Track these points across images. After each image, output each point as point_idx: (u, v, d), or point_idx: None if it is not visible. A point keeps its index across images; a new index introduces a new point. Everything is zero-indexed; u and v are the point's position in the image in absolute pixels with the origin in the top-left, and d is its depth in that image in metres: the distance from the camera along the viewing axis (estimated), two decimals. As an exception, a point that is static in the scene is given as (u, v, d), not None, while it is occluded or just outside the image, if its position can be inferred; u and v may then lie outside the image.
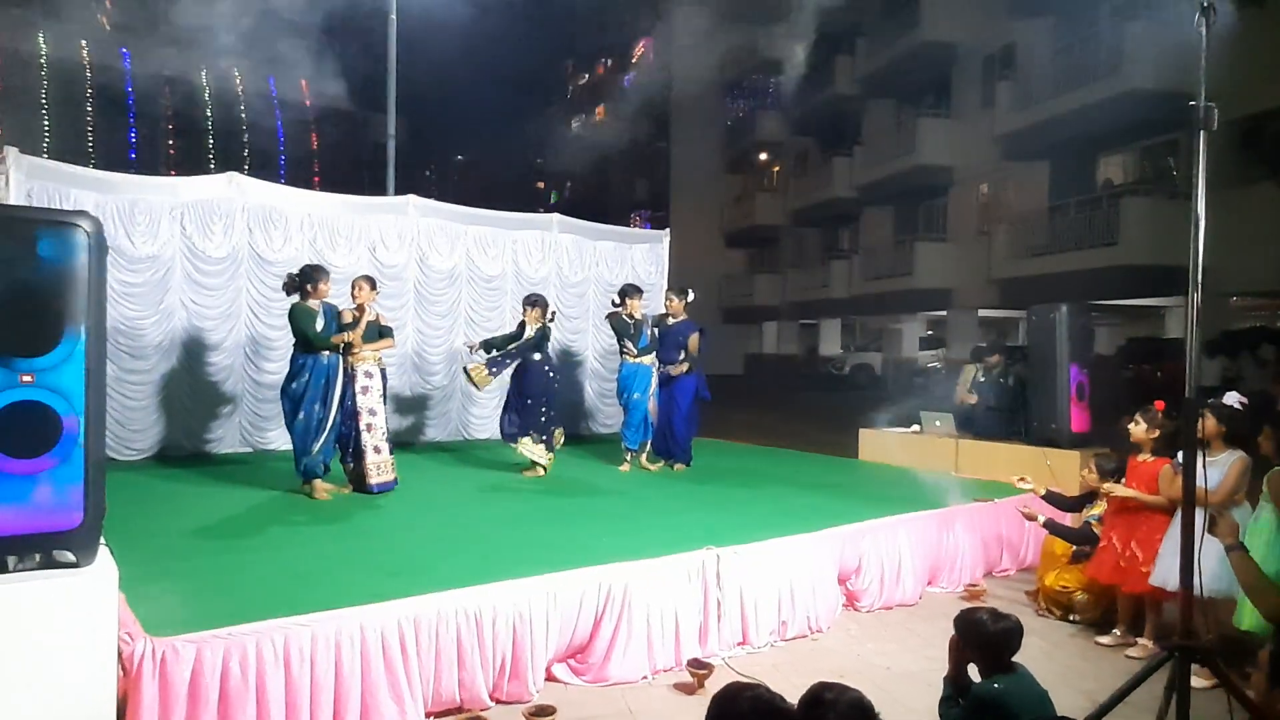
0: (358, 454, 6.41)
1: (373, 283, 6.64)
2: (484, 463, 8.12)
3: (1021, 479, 5.77)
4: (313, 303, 6.24)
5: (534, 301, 7.51)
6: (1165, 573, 4.48)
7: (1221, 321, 15.09)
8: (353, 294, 6.53)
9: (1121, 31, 16.79)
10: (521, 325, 7.51)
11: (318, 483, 6.23)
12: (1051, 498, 5.77)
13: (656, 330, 8.01)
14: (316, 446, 6.17)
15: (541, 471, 7.39)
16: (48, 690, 2.86)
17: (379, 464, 6.43)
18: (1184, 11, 3.22)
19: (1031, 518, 5.58)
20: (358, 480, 6.45)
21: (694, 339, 7.88)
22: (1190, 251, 3.10)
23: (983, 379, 8.40)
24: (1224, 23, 3.26)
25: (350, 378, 6.40)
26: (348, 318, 6.40)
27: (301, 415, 6.15)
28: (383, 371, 6.65)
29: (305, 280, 6.27)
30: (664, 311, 8.24)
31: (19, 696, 2.82)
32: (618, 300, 7.99)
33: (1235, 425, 4.56)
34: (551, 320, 7.57)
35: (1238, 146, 14.47)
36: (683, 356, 7.86)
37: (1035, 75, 19.57)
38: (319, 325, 6.18)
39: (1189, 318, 3.14)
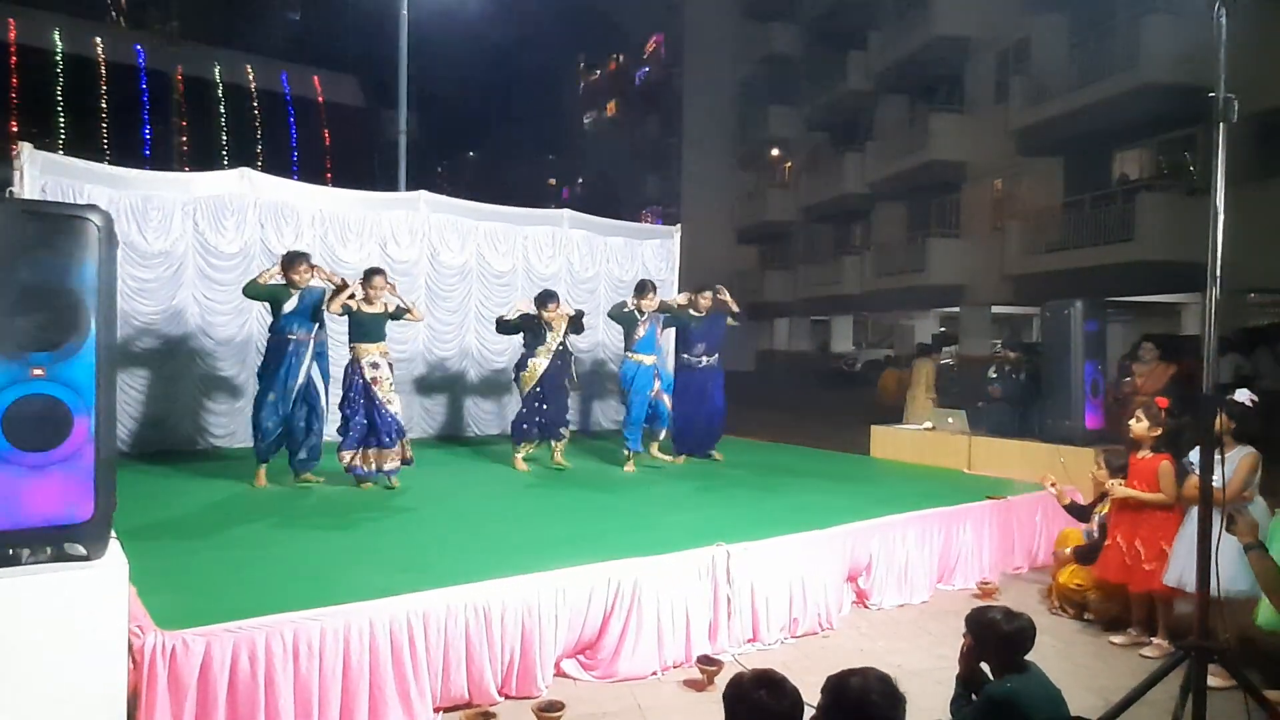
0: (369, 442, 6.45)
1: (381, 274, 6.66)
2: (493, 458, 8.12)
3: (1052, 483, 5.79)
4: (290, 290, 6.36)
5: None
6: (1180, 571, 4.45)
7: (1237, 318, 14.93)
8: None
9: (1137, 25, 16.63)
10: (531, 319, 7.47)
11: (260, 469, 6.35)
12: (1071, 509, 5.76)
13: (682, 328, 8.24)
14: (268, 427, 6.30)
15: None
16: (58, 683, 2.87)
17: (384, 453, 6.46)
18: (1200, 4, 3.17)
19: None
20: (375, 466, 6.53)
21: (727, 323, 8.26)
22: (1209, 245, 3.06)
23: (996, 375, 8.36)
24: (1240, 16, 3.21)
25: (358, 369, 6.44)
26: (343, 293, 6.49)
27: (258, 392, 6.46)
28: (389, 365, 6.66)
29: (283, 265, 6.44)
30: (691, 309, 8.22)
31: (30, 689, 2.83)
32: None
33: (1245, 422, 4.51)
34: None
35: (1254, 142, 14.30)
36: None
37: (1050, 70, 19.39)
38: (289, 306, 6.30)
39: (1206, 313, 3.09)
